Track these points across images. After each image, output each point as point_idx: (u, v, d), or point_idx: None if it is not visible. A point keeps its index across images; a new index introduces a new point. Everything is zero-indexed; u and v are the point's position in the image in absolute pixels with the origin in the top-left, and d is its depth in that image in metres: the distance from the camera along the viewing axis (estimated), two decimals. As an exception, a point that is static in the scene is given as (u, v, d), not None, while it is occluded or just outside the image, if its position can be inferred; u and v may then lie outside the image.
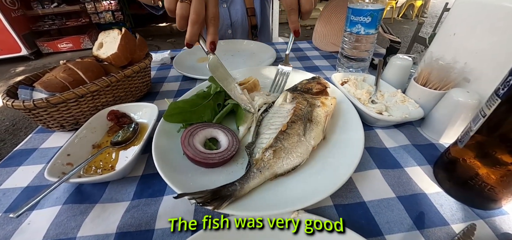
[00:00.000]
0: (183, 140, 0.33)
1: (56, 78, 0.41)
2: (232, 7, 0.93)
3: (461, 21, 0.40)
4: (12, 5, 3.49)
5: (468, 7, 0.38)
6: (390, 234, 0.26)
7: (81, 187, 0.33)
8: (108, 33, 0.50)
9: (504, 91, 0.24)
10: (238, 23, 0.95)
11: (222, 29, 0.95)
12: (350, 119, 0.38)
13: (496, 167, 0.26)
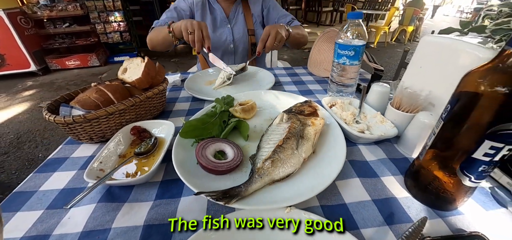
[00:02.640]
0: (197, 152, 0.41)
1: (90, 98, 0.49)
2: (235, 27, 1.06)
3: (425, 57, 0.49)
4: (26, 25, 3.69)
5: (430, 46, 0.48)
6: (364, 228, 0.33)
7: (111, 189, 0.40)
8: (132, 60, 0.59)
9: (445, 115, 0.32)
10: (239, 41, 1.07)
11: (225, 44, 1.06)
12: (336, 137, 0.46)
13: (444, 174, 0.33)
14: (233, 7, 1.05)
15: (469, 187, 0.32)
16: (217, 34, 1.05)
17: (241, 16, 1.05)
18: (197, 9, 1.04)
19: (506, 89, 0.25)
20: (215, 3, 1.04)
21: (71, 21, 3.89)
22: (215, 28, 1.05)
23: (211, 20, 1.04)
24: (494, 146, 0.27)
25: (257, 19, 1.07)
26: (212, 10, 1.05)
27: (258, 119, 0.57)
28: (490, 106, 0.26)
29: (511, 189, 0.39)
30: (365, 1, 6.23)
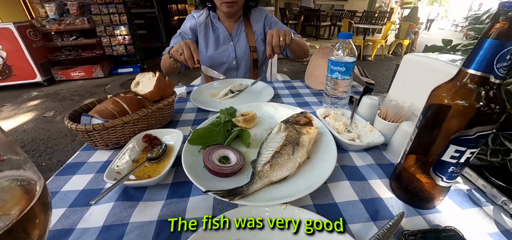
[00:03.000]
0: (204, 157, 0.45)
1: (107, 109, 0.54)
2: (238, 44, 1.13)
3: (407, 73, 0.55)
4: (35, 37, 3.82)
5: (411, 64, 0.54)
6: (352, 223, 0.37)
7: (126, 189, 0.44)
8: (144, 74, 0.65)
9: (419, 124, 0.37)
10: (241, 57, 1.14)
11: (228, 61, 1.13)
12: (328, 144, 0.51)
13: (421, 176, 0.38)
14: (236, 25, 1.13)
15: (443, 187, 0.37)
16: (220, 51, 1.11)
17: (243, 34, 1.12)
18: (200, 30, 1.11)
19: (464, 102, 0.30)
20: (218, 23, 1.12)
21: (78, 34, 4.02)
22: (218, 45, 1.12)
23: (214, 39, 1.11)
24: (458, 150, 0.32)
25: (259, 36, 1.14)
26: (214, 29, 1.12)
27: (258, 128, 0.62)
28: (453, 116, 0.32)
29: (486, 191, 0.43)
30: (362, 16, 6.44)
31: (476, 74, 0.29)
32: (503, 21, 0.27)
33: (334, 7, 7.51)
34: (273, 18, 1.17)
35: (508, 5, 0.26)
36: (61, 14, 3.85)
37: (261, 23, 1.14)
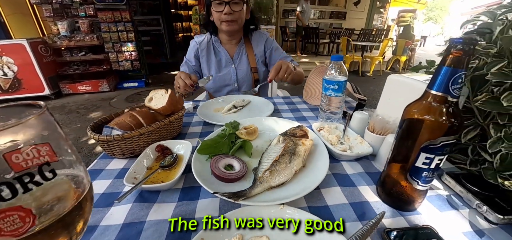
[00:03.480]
0: (212, 165, 0.52)
1: (125, 121, 0.61)
2: (239, 67, 1.20)
3: (392, 91, 0.62)
4: (46, 53, 3.99)
5: (394, 83, 0.61)
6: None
7: (142, 193, 0.50)
8: (157, 91, 0.72)
9: (397, 136, 0.43)
10: (243, 79, 1.21)
11: (230, 83, 1.21)
12: (322, 154, 0.57)
13: (401, 181, 0.43)
14: (237, 48, 1.20)
15: (420, 190, 0.43)
16: (222, 74, 1.19)
17: (244, 57, 1.20)
18: (202, 55, 1.19)
19: (430, 116, 0.37)
20: (219, 46, 1.19)
21: (86, 50, 4.20)
22: (221, 68, 1.19)
23: (216, 62, 1.19)
24: (428, 157, 0.38)
25: (260, 58, 1.22)
26: (216, 53, 1.20)
27: (259, 140, 0.68)
28: (422, 128, 0.38)
29: (463, 196, 0.49)
30: (359, 33, 6.67)
31: (437, 94, 0.36)
32: (454, 53, 0.34)
33: (333, 25, 7.79)
34: (274, 43, 1.25)
35: (457, 41, 0.33)
36: (72, 31, 4.05)
37: (262, 46, 1.22)
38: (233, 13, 1.03)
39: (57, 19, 3.96)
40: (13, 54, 3.71)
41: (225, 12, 1.01)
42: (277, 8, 6.23)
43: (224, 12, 1.02)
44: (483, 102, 0.47)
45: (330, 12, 7.92)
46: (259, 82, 1.24)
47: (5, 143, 0.21)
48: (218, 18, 1.06)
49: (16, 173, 0.22)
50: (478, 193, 0.47)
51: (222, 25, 1.08)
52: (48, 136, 0.25)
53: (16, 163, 0.22)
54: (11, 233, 0.21)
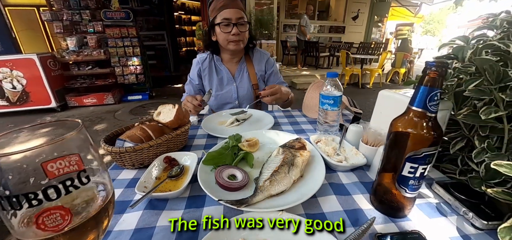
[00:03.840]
0: (216, 175, 0.56)
1: (135, 134, 0.66)
2: (240, 85, 1.25)
3: (383, 106, 0.66)
4: (54, 67, 4.12)
5: (385, 98, 0.65)
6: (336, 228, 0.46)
7: (152, 201, 0.54)
8: (164, 106, 0.78)
9: (385, 147, 0.47)
10: (243, 97, 1.26)
11: (231, 101, 1.26)
12: (318, 165, 0.61)
13: (391, 189, 0.47)
14: (238, 66, 1.26)
15: (409, 197, 0.46)
16: (224, 91, 1.24)
17: (245, 75, 1.25)
18: (205, 74, 1.25)
19: (412, 130, 0.41)
20: (221, 65, 1.25)
21: (93, 64, 4.34)
22: (222, 86, 1.25)
23: (218, 81, 1.24)
24: (412, 166, 0.42)
25: (260, 76, 1.28)
26: (218, 71, 1.25)
27: (260, 152, 0.73)
28: (405, 140, 0.42)
29: (451, 203, 0.52)
30: (359, 47, 6.82)
31: (417, 110, 0.40)
32: (429, 74, 0.39)
33: (332, 39, 7.98)
34: (274, 67, 1.32)
35: (431, 64, 0.38)
36: (80, 46, 4.20)
37: (263, 64, 1.28)
38: (240, 34, 1.10)
39: (67, 35, 4.13)
40: (23, 68, 3.85)
41: (233, 33, 1.08)
42: (277, 23, 6.44)
43: (231, 33, 1.08)
44: (465, 116, 0.52)
45: (330, 26, 8.15)
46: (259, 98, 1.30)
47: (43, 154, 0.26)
48: (225, 39, 1.12)
49: (51, 180, 0.26)
50: (465, 201, 0.50)
51: (229, 45, 1.13)
52: (81, 149, 0.29)
53: (50, 171, 0.27)
54: (52, 229, 0.25)
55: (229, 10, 1.06)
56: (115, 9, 3.98)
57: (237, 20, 1.08)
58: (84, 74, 4.35)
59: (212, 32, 1.16)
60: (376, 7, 7.98)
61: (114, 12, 3.98)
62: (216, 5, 1.09)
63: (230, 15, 1.07)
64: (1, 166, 0.24)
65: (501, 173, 0.38)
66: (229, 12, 1.06)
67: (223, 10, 1.07)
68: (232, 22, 1.07)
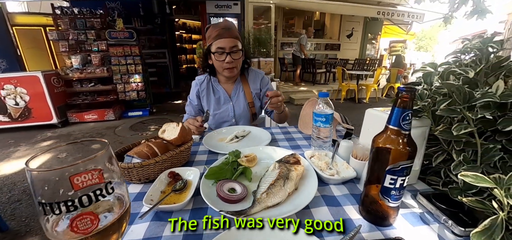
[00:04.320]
0: (217, 188, 0.60)
1: (142, 151, 0.71)
2: (236, 104, 1.32)
3: (370, 123, 0.72)
4: (57, 84, 4.22)
5: (371, 116, 0.72)
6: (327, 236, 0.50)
7: (157, 213, 0.58)
8: (169, 124, 0.84)
9: (369, 161, 0.53)
10: (240, 116, 1.32)
11: (228, 119, 1.32)
12: (311, 178, 0.66)
13: (376, 199, 0.52)
14: (234, 86, 1.33)
15: (392, 207, 0.51)
16: (221, 111, 1.31)
17: (241, 94, 1.32)
18: (203, 95, 1.32)
19: (390, 145, 0.47)
20: (218, 85, 1.33)
21: (96, 81, 4.44)
22: (220, 106, 1.32)
23: (215, 101, 1.31)
24: (392, 178, 0.47)
25: (256, 94, 1.35)
26: (215, 92, 1.33)
27: (258, 167, 0.78)
28: (385, 155, 0.48)
29: (433, 213, 0.56)
30: (354, 63, 7.04)
31: (393, 128, 0.46)
32: (402, 98, 0.45)
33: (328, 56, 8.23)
34: (269, 84, 1.40)
35: (402, 89, 0.45)
36: (84, 64, 4.33)
37: (258, 83, 1.36)
38: (234, 61, 1.18)
39: (71, 53, 4.27)
40: (27, 85, 3.94)
41: (226, 61, 1.16)
42: (275, 41, 6.68)
43: (225, 61, 1.16)
44: (441, 132, 0.58)
45: (325, 44, 8.44)
46: (256, 116, 1.36)
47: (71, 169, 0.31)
48: (219, 66, 1.20)
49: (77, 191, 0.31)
50: (445, 210, 0.55)
51: (224, 72, 1.21)
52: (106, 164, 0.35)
53: (76, 184, 0.32)
54: (83, 231, 0.30)
55: (223, 40, 1.13)
56: (119, 29, 4.15)
57: (230, 49, 1.15)
58: (87, 91, 4.44)
59: (209, 56, 1.24)
60: (369, 25, 8.33)
61: (118, 32, 4.14)
62: (211, 33, 1.17)
63: (224, 45, 1.14)
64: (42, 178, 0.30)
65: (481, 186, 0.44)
66: (223, 41, 1.13)
67: (217, 39, 1.14)
68: (226, 51, 1.14)
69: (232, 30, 1.18)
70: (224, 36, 1.14)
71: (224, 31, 1.14)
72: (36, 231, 1.86)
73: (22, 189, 2.45)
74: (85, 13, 4.20)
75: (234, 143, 0.99)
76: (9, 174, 2.76)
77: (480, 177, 0.42)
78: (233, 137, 1.00)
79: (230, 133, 1.05)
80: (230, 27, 1.17)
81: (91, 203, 0.31)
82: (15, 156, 3.24)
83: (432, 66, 0.59)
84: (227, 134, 1.05)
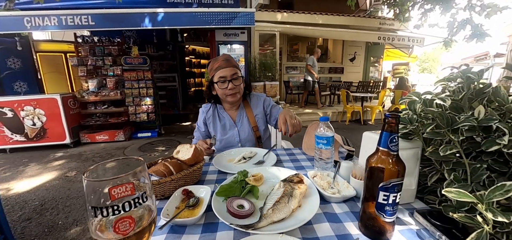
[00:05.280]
0: (227, 204, 0.67)
1: (159, 170, 0.79)
2: (241, 129, 1.41)
3: (367, 145, 0.78)
4: (74, 106, 4.45)
5: (369, 139, 0.78)
6: (328, 250, 0.54)
7: (172, 227, 0.64)
8: (183, 145, 0.92)
9: (365, 179, 0.59)
10: (245, 140, 1.40)
11: (234, 144, 1.40)
12: (313, 197, 0.71)
13: (372, 215, 0.57)
14: (238, 113, 1.43)
15: (388, 222, 0.56)
16: (227, 136, 1.40)
17: (245, 119, 1.41)
18: (209, 122, 1.43)
19: (381, 165, 0.53)
20: (223, 113, 1.43)
21: (109, 103, 4.67)
22: (225, 132, 1.41)
23: (221, 127, 1.41)
24: (385, 194, 0.53)
25: (260, 117, 1.43)
26: (221, 119, 1.43)
27: (264, 186, 0.83)
28: (378, 173, 0.54)
29: (429, 229, 0.60)
30: (358, 85, 7.16)
31: (382, 149, 0.53)
32: (388, 123, 0.52)
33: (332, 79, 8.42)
34: (271, 102, 1.49)
35: (388, 115, 0.52)
36: (99, 87, 4.59)
37: (261, 106, 1.45)
38: (235, 87, 1.29)
39: (89, 78, 4.56)
40: (45, 106, 4.18)
41: (229, 88, 1.28)
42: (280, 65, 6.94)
43: (228, 88, 1.28)
44: (430, 153, 0.64)
45: (329, 67, 8.69)
46: (261, 139, 1.43)
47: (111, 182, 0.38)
48: (223, 93, 1.31)
49: (112, 201, 0.38)
50: (440, 226, 0.59)
51: (227, 98, 1.32)
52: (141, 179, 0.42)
53: (113, 195, 0.39)
54: (122, 232, 0.37)
55: (224, 70, 1.27)
56: (134, 55, 4.45)
57: (231, 76, 1.28)
58: (100, 113, 4.66)
59: (212, 87, 1.36)
60: (371, 49, 8.60)
61: (133, 58, 4.45)
62: (213, 66, 1.31)
63: (225, 74, 1.27)
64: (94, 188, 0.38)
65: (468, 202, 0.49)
66: (224, 71, 1.27)
67: (219, 70, 1.28)
68: (227, 79, 1.27)
69: (231, 60, 1.32)
70: (224, 66, 1.27)
71: (224, 62, 1.28)
72: (44, 251, 1.90)
73: (33, 207, 2.52)
74: (104, 41, 4.56)
75: (242, 164, 1.06)
76: (21, 192, 2.85)
77: (462, 193, 0.47)
78: (241, 158, 1.07)
79: (238, 155, 1.12)
80: (229, 59, 1.32)
81: (130, 208, 0.38)
82: (28, 175, 3.36)
83: (416, 95, 0.67)
84: (236, 156, 1.12)
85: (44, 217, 2.36)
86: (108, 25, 3.89)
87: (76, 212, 2.44)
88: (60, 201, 2.65)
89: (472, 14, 4.17)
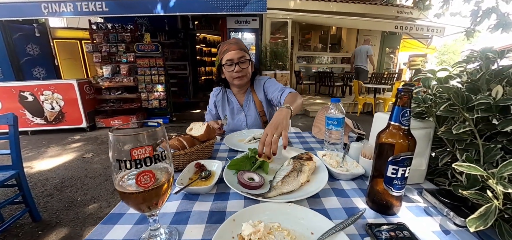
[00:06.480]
0: (238, 176, 0.69)
1: (174, 144, 0.83)
2: (249, 113, 1.42)
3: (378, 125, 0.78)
4: (89, 91, 4.62)
5: (380, 119, 0.78)
6: (334, 219, 0.56)
7: (186, 195, 0.68)
8: (196, 123, 0.95)
9: (374, 155, 0.59)
10: (252, 124, 1.42)
11: (242, 128, 1.42)
12: (322, 173, 0.73)
13: (380, 189, 0.58)
14: (245, 97, 1.43)
15: (396, 196, 0.56)
16: (235, 120, 1.43)
17: (252, 104, 1.42)
18: (219, 105, 1.46)
19: (391, 139, 0.54)
20: (232, 96, 1.45)
21: (123, 89, 4.82)
22: (233, 115, 1.44)
23: (229, 111, 1.44)
24: (394, 168, 0.54)
25: (264, 102, 1.42)
26: (229, 102, 1.45)
27: (274, 163, 0.85)
28: (387, 148, 0.54)
29: (437, 206, 0.61)
30: (371, 76, 6.95)
31: (394, 124, 0.53)
32: (401, 97, 0.52)
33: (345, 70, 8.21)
34: (268, 80, 1.39)
35: (400, 90, 0.52)
36: (113, 74, 4.73)
37: (261, 89, 1.41)
38: (242, 70, 1.29)
39: (103, 64, 4.70)
40: (63, 91, 4.38)
41: (235, 71, 1.28)
42: (291, 55, 6.83)
43: (235, 71, 1.28)
44: (443, 132, 0.63)
45: (342, 57, 8.46)
46: (267, 123, 1.43)
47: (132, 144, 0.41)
48: (230, 76, 1.31)
49: (132, 161, 0.41)
50: (448, 203, 0.59)
51: (234, 81, 1.32)
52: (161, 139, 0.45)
53: (134, 155, 0.42)
54: (144, 185, 0.40)
55: (231, 52, 1.26)
56: (146, 42, 4.53)
57: (238, 59, 1.27)
58: (114, 98, 4.82)
59: (221, 71, 1.37)
60: (387, 39, 8.25)
61: (145, 45, 4.52)
62: (222, 49, 1.31)
63: (232, 57, 1.26)
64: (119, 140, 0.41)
65: (479, 181, 0.49)
66: (231, 54, 1.26)
67: (226, 53, 1.27)
68: (234, 62, 1.27)
69: (239, 43, 1.31)
70: (232, 49, 1.27)
71: (231, 45, 1.28)
72: (65, 223, 2.04)
73: (54, 184, 2.70)
74: (117, 28, 4.65)
75: (252, 144, 1.08)
76: (43, 170, 3.04)
77: (473, 167, 0.47)
78: (251, 138, 1.10)
79: (248, 135, 1.14)
80: (237, 41, 1.31)
81: (151, 163, 0.41)
82: (48, 155, 3.57)
83: (431, 72, 0.65)
84: (246, 136, 1.15)
85: (64, 193, 2.53)
86: (121, 11, 3.96)
87: (94, 190, 2.59)
88: (79, 180, 2.82)
89: (498, 1, 3.90)
